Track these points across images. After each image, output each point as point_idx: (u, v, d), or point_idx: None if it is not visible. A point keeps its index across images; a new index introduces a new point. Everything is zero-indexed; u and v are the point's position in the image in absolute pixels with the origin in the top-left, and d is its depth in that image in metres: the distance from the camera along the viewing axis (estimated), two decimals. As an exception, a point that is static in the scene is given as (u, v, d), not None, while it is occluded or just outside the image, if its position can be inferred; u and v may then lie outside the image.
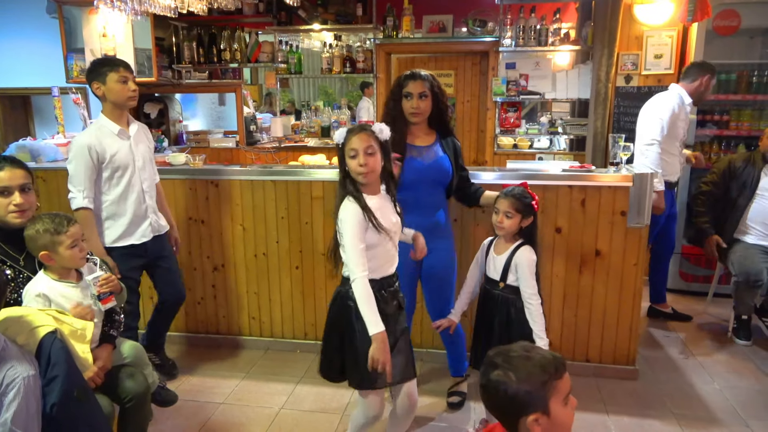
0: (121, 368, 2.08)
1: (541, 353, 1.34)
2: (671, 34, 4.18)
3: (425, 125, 2.59)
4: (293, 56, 5.26)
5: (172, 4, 3.66)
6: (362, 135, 1.97)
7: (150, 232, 2.83)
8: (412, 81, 2.48)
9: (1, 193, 1.95)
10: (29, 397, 1.47)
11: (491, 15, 4.92)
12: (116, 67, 2.65)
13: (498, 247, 2.39)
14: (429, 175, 2.51)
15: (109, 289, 2.03)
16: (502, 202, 2.29)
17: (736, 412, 2.79)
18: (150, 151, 2.91)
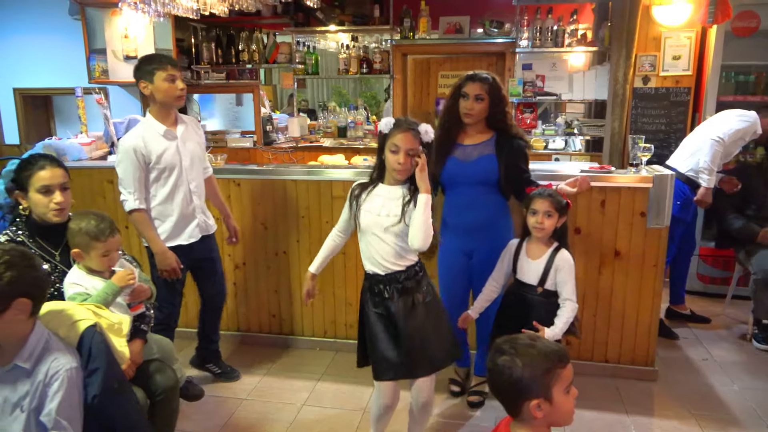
0: (151, 363, 2.12)
1: (546, 343, 1.42)
2: (689, 36, 4.17)
3: (482, 125, 2.60)
4: (310, 57, 5.31)
5: (194, 6, 3.72)
6: (408, 135, 2.02)
7: (198, 232, 2.78)
8: (471, 82, 2.51)
9: (44, 191, 2.00)
10: (72, 388, 1.52)
11: (508, 16, 4.93)
12: (164, 65, 2.58)
13: (532, 251, 2.36)
14: (467, 174, 2.52)
15: (139, 299, 2.09)
16: (541, 202, 2.27)
17: (756, 413, 2.80)
18: (200, 147, 2.83)
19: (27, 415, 1.49)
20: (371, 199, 2.14)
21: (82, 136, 4.11)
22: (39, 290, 1.53)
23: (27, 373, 1.51)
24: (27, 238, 2.04)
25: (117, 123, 4.14)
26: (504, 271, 2.47)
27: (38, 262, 1.54)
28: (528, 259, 2.37)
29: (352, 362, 3.18)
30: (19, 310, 1.46)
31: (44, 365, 1.51)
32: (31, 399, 1.50)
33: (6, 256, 1.45)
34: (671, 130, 4.35)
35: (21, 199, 2.01)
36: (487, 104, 2.52)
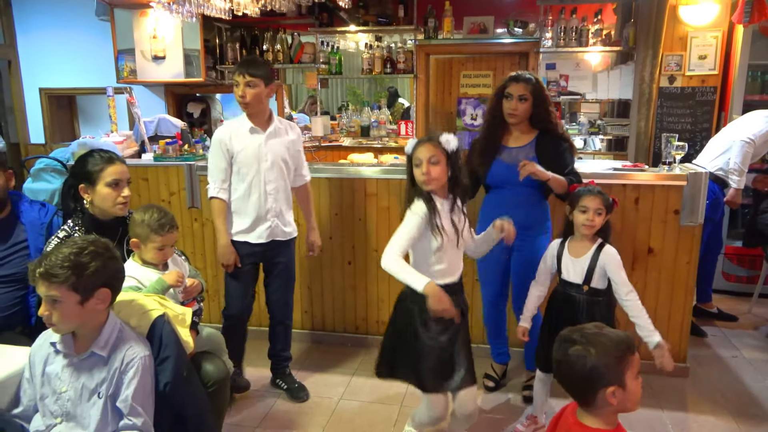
0: (203, 354, 2.17)
1: (614, 331, 1.45)
2: (716, 35, 4.19)
3: (525, 125, 2.63)
4: (334, 57, 5.36)
5: (227, 6, 3.77)
6: (427, 145, 2.04)
7: (267, 235, 2.74)
8: (515, 83, 2.54)
9: (114, 185, 2.05)
10: (146, 375, 1.57)
11: (532, 16, 4.96)
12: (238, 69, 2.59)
13: (575, 249, 2.36)
14: (513, 177, 2.51)
15: (191, 296, 2.15)
16: (592, 199, 2.26)
17: (790, 409, 2.82)
18: (287, 151, 2.75)
19: (104, 401, 1.54)
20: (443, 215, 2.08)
21: (113, 135, 4.18)
22: (119, 281, 1.59)
23: (103, 361, 1.56)
24: (84, 233, 2.09)
25: (147, 122, 4.21)
26: (549, 273, 2.46)
27: (118, 255, 1.59)
28: (572, 257, 2.36)
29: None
30: (100, 300, 1.52)
31: (119, 353, 1.56)
32: (108, 385, 1.55)
33: (91, 246, 1.51)
34: (697, 130, 4.37)
35: (85, 193, 2.06)
36: (531, 104, 2.55)
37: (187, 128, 4.52)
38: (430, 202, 2.05)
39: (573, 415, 1.47)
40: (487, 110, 2.69)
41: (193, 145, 3.76)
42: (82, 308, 1.50)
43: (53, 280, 1.46)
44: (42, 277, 1.47)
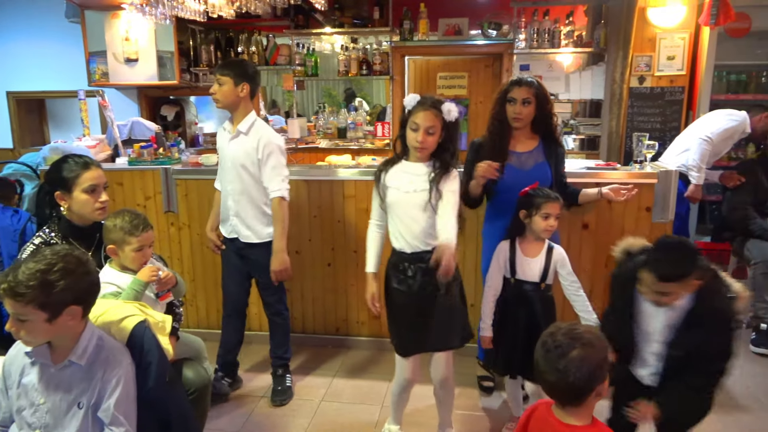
0: (183, 361, 2.16)
1: (587, 327, 1.48)
2: (683, 36, 4.31)
3: (528, 130, 2.64)
4: (310, 59, 5.35)
5: (201, 8, 3.74)
6: (429, 113, 2.08)
7: (230, 231, 2.84)
8: (517, 87, 2.54)
9: (91, 191, 2.02)
10: (129, 384, 1.55)
11: (505, 18, 5.02)
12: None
13: (528, 250, 2.41)
14: (526, 182, 2.51)
15: (165, 287, 2.13)
16: (553, 206, 2.32)
17: (759, 399, 2.91)
18: (248, 158, 2.69)
19: (85, 412, 1.51)
20: (397, 176, 2.20)
21: (86, 139, 4.11)
22: (91, 296, 1.54)
23: (82, 371, 1.53)
24: (60, 239, 2.06)
25: (120, 125, 4.16)
26: (501, 275, 2.47)
27: (92, 267, 1.54)
28: (526, 258, 2.41)
29: (366, 359, 3.26)
30: (70, 317, 1.47)
31: (100, 362, 1.53)
32: (90, 396, 1.52)
33: (61, 263, 1.44)
34: (666, 129, 4.48)
35: (61, 200, 2.03)
36: (534, 107, 2.55)
37: (162, 131, 4.48)
38: (387, 162, 2.25)
39: (551, 415, 1.47)
40: (491, 116, 2.66)
41: (168, 148, 3.73)
42: (50, 325, 1.45)
43: (18, 299, 1.40)
44: (6, 294, 1.41)
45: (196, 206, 3.46)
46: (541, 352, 1.43)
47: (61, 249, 1.50)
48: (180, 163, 3.60)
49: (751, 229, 3.59)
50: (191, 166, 3.53)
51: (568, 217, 3.08)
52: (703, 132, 3.60)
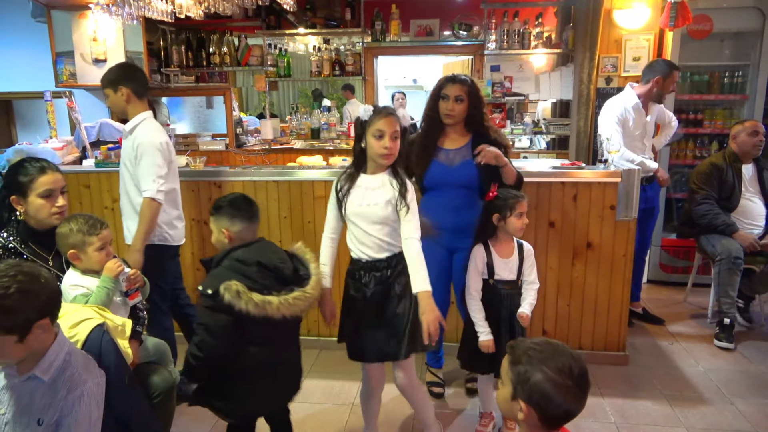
0: (148, 364, 2.14)
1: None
2: (648, 38, 4.39)
3: (461, 127, 2.66)
4: (282, 59, 5.34)
5: (169, 9, 3.71)
6: (391, 119, 2.08)
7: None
8: (451, 84, 2.56)
9: (47, 195, 2.00)
10: (93, 403, 1.51)
11: (476, 19, 5.08)
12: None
13: (501, 251, 2.47)
14: (452, 179, 2.57)
15: (135, 285, 2.12)
16: (524, 204, 2.39)
17: (720, 391, 2.99)
18: (126, 158, 2.71)
19: (44, 430, 1.47)
20: (354, 190, 2.18)
21: (53, 141, 4.05)
22: (56, 304, 1.50)
23: (45, 386, 1.49)
24: (19, 244, 2.03)
25: (88, 127, 4.11)
26: (480, 280, 2.49)
27: (47, 276, 1.49)
28: (501, 258, 2.46)
29: (337, 359, 3.27)
30: (41, 330, 1.44)
31: (65, 379, 1.49)
32: (52, 414, 1.48)
33: (15, 285, 1.38)
34: (633, 128, 4.55)
35: (17, 204, 2.00)
36: (467, 105, 2.58)
37: (131, 133, 4.43)
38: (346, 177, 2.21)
39: None
40: (424, 111, 2.70)
41: (136, 150, 3.68)
42: (23, 344, 1.41)
43: None
44: None
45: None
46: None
47: (7, 267, 1.42)
48: (148, 164, 3.55)
49: (715, 224, 3.67)
50: (160, 168, 3.50)
51: (535, 215, 3.13)
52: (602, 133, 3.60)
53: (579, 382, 1.26)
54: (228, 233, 1.98)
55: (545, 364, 1.25)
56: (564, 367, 1.25)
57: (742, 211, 3.72)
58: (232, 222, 1.98)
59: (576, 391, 1.25)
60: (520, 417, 1.29)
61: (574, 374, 1.25)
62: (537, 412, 1.26)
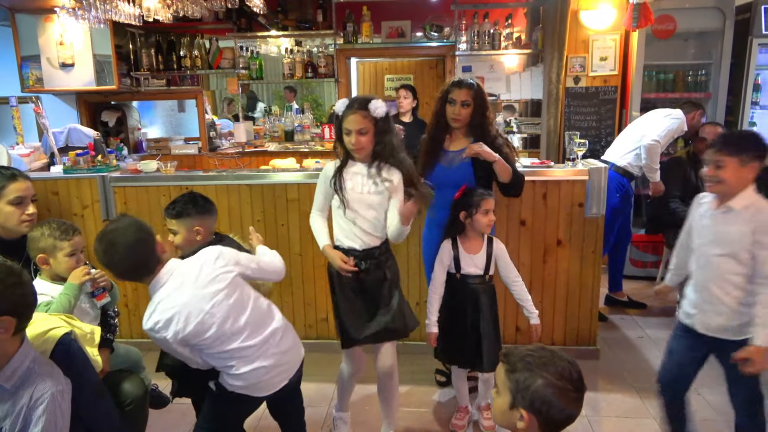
0: (119, 372, 2.12)
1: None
2: (614, 38, 4.49)
3: (465, 130, 2.68)
4: (254, 62, 5.32)
5: (136, 12, 3.68)
6: (356, 116, 2.17)
7: None
8: (458, 88, 2.58)
9: (17, 203, 1.97)
10: (57, 412, 1.48)
11: (447, 20, 5.13)
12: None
13: (470, 246, 2.51)
14: (449, 179, 2.59)
15: (103, 285, 2.11)
16: (489, 201, 2.43)
17: (687, 382, 3.07)
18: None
19: None
20: (352, 177, 2.28)
21: (19, 147, 3.97)
22: (25, 308, 1.47)
23: (8, 394, 1.46)
24: (-16, 252, 2.00)
25: (56, 133, 4.04)
26: (444, 275, 2.55)
27: (26, 278, 1.47)
28: (467, 254, 2.51)
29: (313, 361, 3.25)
30: (3, 329, 1.41)
31: (29, 388, 1.46)
32: (14, 423, 1.45)
33: None
34: (602, 127, 4.66)
35: None
36: (473, 109, 2.60)
37: (101, 138, 4.37)
38: (338, 165, 2.30)
39: None
40: (432, 114, 2.73)
41: (106, 155, 3.65)
42: None
43: None
44: None
45: (135, 214, 3.37)
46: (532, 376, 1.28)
47: None
48: (118, 170, 3.52)
49: (680, 219, 3.77)
50: (130, 173, 3.47)
51: (506, 213, 3.18)
52: (650, 135, 3.72)
53: (578, 386, 1.27)
54: (201, 230, 2.07)
55: (545, 370, 1.25)
56: (564, 372, 1.25)
57: None
58: (202, 218, 2.08)
59: (576, 395, 1.26)
60: (520, 426, 1.27)
61: (573, 378, 1.26)
62: (539, 419, 1.25)
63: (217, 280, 1.76)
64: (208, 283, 1.74)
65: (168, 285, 1.73)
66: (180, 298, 1.71)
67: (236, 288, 1.80)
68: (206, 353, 1.80)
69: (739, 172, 2.01)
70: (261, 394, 1.90)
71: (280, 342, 1.91)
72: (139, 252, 1.70)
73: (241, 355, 1.80)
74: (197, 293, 1.72)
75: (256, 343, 1.82)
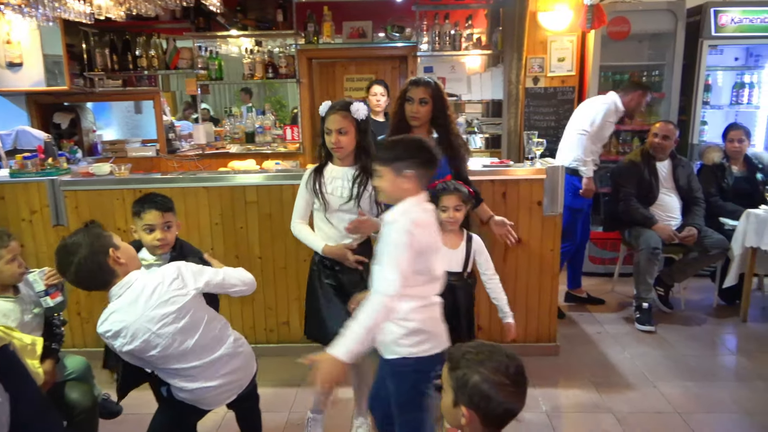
0: (66, 383, 2.05)
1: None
2: (572, 39, 4.57)
3: (426, 128, 2.68)
4: (213, 62, 5.22)
5: (87, 10, 3.56)
6: (337, 116, 2.24)
7: None
8: (415, 87, 2.60)
9: None
10: None
11: (408, 21, 5.14)
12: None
13: (448, 242, 2.48)
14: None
15: (55, 282, 2.06)
16: (449, 198, 2.41)
17: (645, 376, 3.14)
18: None
19: None
20: (331, 181, 2.32)
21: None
22: None
23: None
24: None
25: (3, 135, 3.90)
26: None
27: None
28: (449, 250, 2.49)
29: (274, 366, 3.24)
30: None
31: None
32: None
33: None
34: (560, 126, 4.70)
35: None
36: (431, 107, 2.61)
37: (53, 140, 4.22)
38: (316, 168, 2.34)
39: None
40: (392, 114, 2.74)
41: (57, 158, 3.52)
42: None
43: None
44: None
45: (88, 218, 3.26)
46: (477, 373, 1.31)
47: None
48: (69, 173, 3.41)
49: (636, 217, 3.87)
50: (82, 177, 3.36)
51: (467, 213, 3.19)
52: (579, 126, 3.81)
53: (516, 379, 1.28)
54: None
55: (482, 365, 1.27)
56: (500, 366, 1.27)
57: (660, 205, 3.94)
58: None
59: (513, 389, 1.27)
60: (463, 422, 1.29)
61: (510, 372, 1.27)
62: (479, 414, 1.27)
63: (170, 303, 1.77)
64: (160, 305, 1.76)
65: (123, 298, 1.76)
66: (130, 315, 1.73)
67: (188, 311, 1.81)
68: (153, 365, 1.85)
69: None
70: (206, 407, 1.95)
71: (227, 364, 1.93)
72: (92, 269, 1.73)
73: (186, 374, 1.85)
74: (147, 313, 1.74)
75: (202, 365, 1.85)
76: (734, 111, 4.89)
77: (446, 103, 2.69)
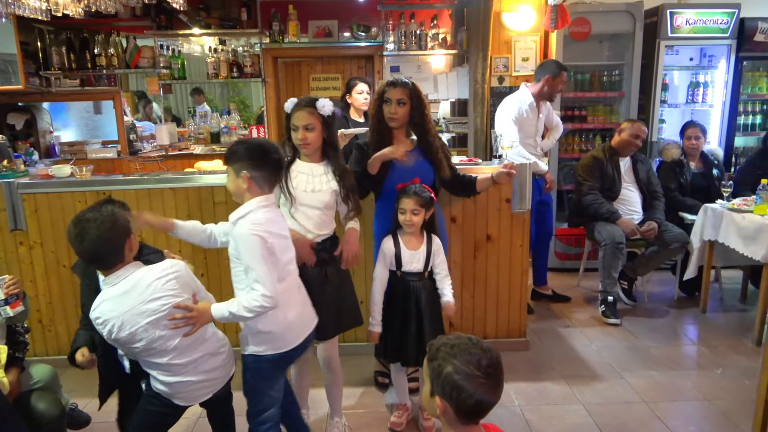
0: (32, 392, 1.97)
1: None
2: (535, 39, 4.66)
3: (405, 129, 2.67)
4: (176, 61, 5.11)
5: (43, 6, 3.44)
6: (302, 113, 2.25)
7: None
8: (392, 88, 2.57)
9: None
10: None
11: (374, 20, 5.14)
12: None
13: (409, 243, 2.51)
14: (411, 177, 2.55)
15: (15, 291, 1.99)
16: (406, 201, 2.42)
17: (612, 367, 3.22)
18: None
19: None
20: (297, 176, 2.32)
21: None
22: None
23: None
24: None
25: (-45, 136, 3.71)
26: (387, 272, 2.55)
27: None
28: (408, 251, 2.52)
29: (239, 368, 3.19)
30: None
31: None
32: None
33: None
34: (525, 125, 4.80)
35: None
36: (409, 107, 2.59)
37: (7, 142, 4.06)
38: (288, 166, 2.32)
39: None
40: (371, 116, 2.71)
41: (13, 160, 3.39)
42: None
43: None
44: None
45: (48, 222, 3.18)
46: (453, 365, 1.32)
47: None
48: (27, 175, 3.28)
49: (600, 212, 3.96)
50: (40, 179, 3.24)
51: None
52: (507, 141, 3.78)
53: (488, 372, 1.30)
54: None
55: (456, 357, 1.30)
56: (473, 359, 1.29)
57: (622, 200, 4.05)
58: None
59: (485, 381, 1.29)
60: (438, 413, 1.32)
61: (482, 364, 1.29)
62: (452, 405, 1.29)
63: (160, 301, 1.78)
64: (151, 302, 1.77)
65: (117, 287, 1.78)
66: (121, 306, 1.75)
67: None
68: (136, 356, 1.86)
69: None
70: (182, 403, 1.94)
71: (207, 362, 1.94)
72: (105, 249, 1.76)
73: (166, 370, 1.86)
74: (138, 307, 1.76)
75: (183, 363, 1.86)
76: (690, 109, 5.07)
77: (424, 103, 2.68)
